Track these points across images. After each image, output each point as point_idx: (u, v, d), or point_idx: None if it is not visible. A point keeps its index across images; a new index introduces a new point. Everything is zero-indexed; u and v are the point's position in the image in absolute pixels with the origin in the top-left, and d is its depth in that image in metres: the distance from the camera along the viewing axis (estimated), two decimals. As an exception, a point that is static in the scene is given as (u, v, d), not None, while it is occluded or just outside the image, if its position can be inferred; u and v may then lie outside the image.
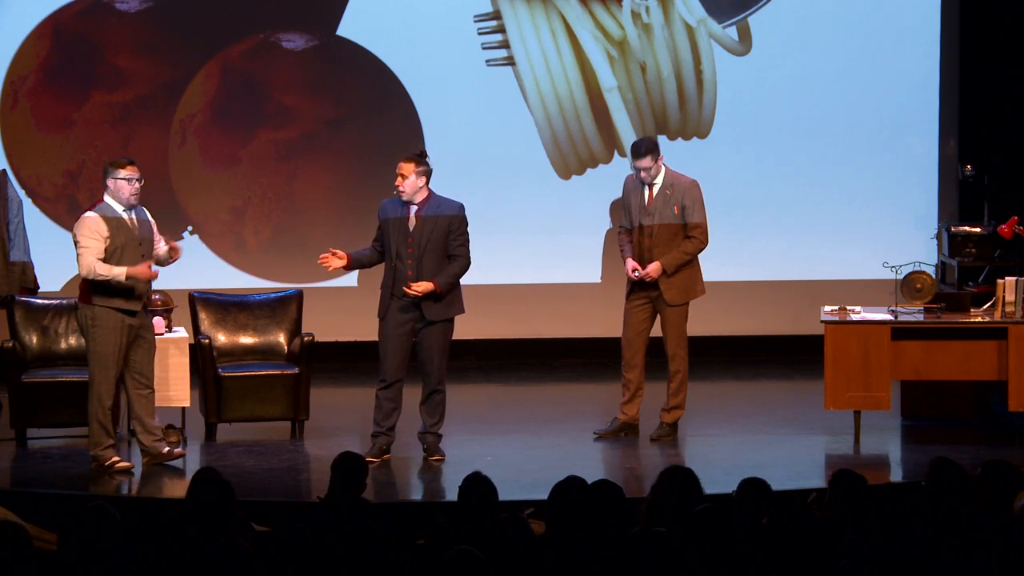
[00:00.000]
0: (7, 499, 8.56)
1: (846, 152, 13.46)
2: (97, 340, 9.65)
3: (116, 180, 9.68)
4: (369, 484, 7.63)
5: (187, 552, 6.27)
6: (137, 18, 13.12)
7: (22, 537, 5.98)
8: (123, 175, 9.68)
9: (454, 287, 9.93)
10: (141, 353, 9.77)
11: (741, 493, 6.84)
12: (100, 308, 9.63)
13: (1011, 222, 11.42)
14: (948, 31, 13.45)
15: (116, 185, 9.69)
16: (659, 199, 10.53)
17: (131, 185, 9.68)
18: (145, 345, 9.79)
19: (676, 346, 10.58)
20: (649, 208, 10.54)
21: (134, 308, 9.68)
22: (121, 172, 9.68)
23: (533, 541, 6.37)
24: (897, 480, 9.72)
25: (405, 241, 9.86)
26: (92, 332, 9.67)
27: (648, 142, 10.58)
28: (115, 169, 9.71)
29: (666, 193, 10.53)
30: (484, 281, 12.66)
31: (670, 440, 10.51)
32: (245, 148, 13.24)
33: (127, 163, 9.74)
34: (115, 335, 9.64)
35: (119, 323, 9.65)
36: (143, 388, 9.77)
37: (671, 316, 10.57)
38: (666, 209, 10.52)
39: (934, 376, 10.57)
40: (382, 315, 9.95)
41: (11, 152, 13.05)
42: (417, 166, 9.86)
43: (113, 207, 9.71)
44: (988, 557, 6.12)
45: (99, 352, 9.65)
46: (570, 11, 13.25)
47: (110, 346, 9.64)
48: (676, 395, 10.63)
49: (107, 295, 9.63)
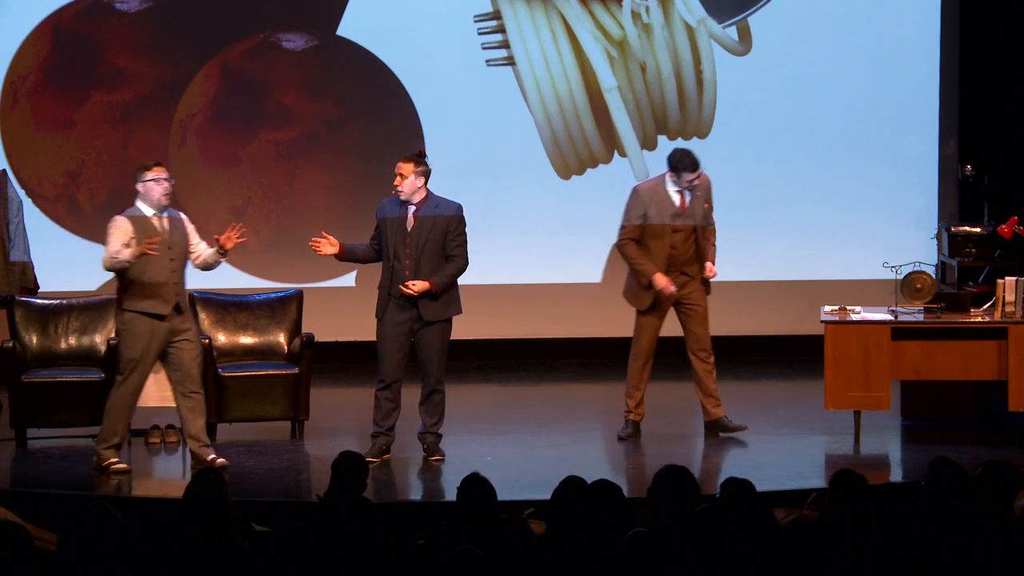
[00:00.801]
0: (7, 499, 8.56)
1: (846, 152, 13.46)
2: (126, 344, 9.61)
3: (144, 182, 9.66)
4: (369, 484, 7.64)
5: (187, 552, 6.27)
6: (137, 18, 13.12)
7: (22, 537, 5.98)
8: (150, 176, 9.65)
9: (451, 287, 9.93)
10: (180, 356, 9.68)
11: (724, 494, 6.83)
12: (129, 313, 9.60)
13: (1011, 222, 11.42)
14: (948, 31, 13.45)
15: (145, 187, 9.67)
16: (695, 202, 10.53)
17: (160, 185, 9.65)
18: (186, 347, 9.70)
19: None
20: (685, 212, 10.52)
21: (161, 311, 9.60)
22: (148, 174, 9.66)
23: (533, 541, 6.37)
24: (897, 480, 9.72)
25: (403, 241, 9.86)
26: (122, 335, 9.66)
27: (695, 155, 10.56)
28: (143, 172, 9.69)
29: (696, 194, 10.57)
30: (484, 281, 12.66)
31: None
32: (245, 148, 13.25)
33: (154, 164, 9.74)
34: (143, 340, 9.59)
35: (148, 327, 9.60)
36: (188, 392, 9.70)
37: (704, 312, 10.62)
38: (698, 209, 10.57)
39: (934, 376, 10.57)
40: (380, 315, 9.95)
41: (11, 152, 13.05)
42: (416, 166, 9.85)
43: (142, 210, 9.67)
44: (988, 557, 6.12)
45: (125, 356, 9.61)
46: (570, 11, 13.25)
47: (136, 351, 9.58)
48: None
49: (135, 298, 9.58)
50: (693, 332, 10.64)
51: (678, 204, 10.55)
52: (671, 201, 10.55)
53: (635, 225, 10.55)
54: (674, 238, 10.54)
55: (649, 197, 10.57)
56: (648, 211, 10.54)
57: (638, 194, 10.63)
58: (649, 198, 10.56)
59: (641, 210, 10.55)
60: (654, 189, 10.60)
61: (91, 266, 12.82)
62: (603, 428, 10.96)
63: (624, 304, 10.79)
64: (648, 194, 10.59)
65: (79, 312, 10.99)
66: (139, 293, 9.58)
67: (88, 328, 10.94)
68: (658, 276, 10.48)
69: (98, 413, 10.49)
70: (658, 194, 10.56)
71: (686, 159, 10.52)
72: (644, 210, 10.55)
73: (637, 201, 10.59)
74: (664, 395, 11.52)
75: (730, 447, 10.37)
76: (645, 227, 10.54)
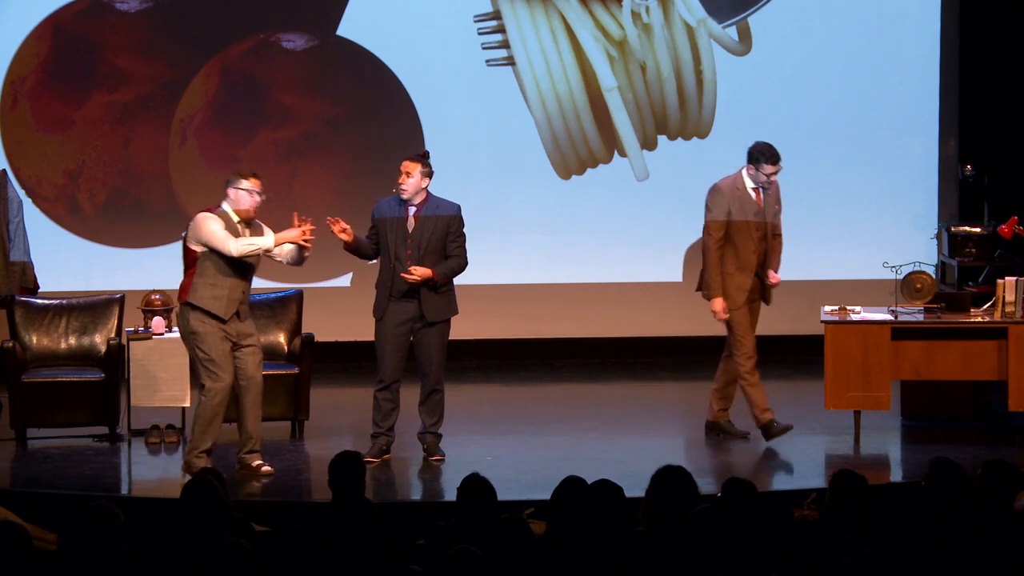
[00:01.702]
0: (7, 499, 8.57)
1: (846, 152, 13.46)
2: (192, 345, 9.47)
3: (238, 190, 9.56)
4: (369, 484, 7.65)
5: (187, 552, 6.27)
6: (137, 18, 13.12)
7: (22, 537, 5.98)
8: (245, 186, 9.56)
9: (450, 283, 9.93)
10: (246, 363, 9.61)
11: (726, 493, 6.83)
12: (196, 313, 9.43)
13: (1011, 222, 11.42)
14: (948, 31, 13.45)
15: (237, 195, 9.56)
16: (768, 200, 10.44)
17: (252, 198, 9.57)
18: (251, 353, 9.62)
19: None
20: (762, 209, 10.42)
21: (224, 315, 9.48)
22: (244, 183, 9.56)
23: (533, 541, 6.37)
24: (897, 480, 9.72)
25: (404, 242, 9.86)
26: (193, 339, 9.49)
27: (775, 148, 10.40)
28: (239, 179, 9.57)
29: (770, 192, 10.46)
30: (484, 281, 12.66)
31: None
32: (245, 148, 13.25)
33: (252, 175, 9.62)
34: (216, 340, 9.44)
35: (217, 329, 9.46)
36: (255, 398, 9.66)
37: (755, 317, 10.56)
38: (772, 208, 10.49)
39: (934, 376, 10.56)
40: (379, 316, 9.95)
41: (11, 152, 13.05)
42: (422, 167, 9.87)
43: (230, 216, 9.58)
44: (988, 557, 6.11)
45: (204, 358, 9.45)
46: (570, 11, 13.25)
47: (210, 351, 9.45)
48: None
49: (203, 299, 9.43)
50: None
51: (756, 202, 10.42)
52: (751, 198, 10.40)
53: (720, 222, 10.35)
54: (755, 236, 10.45)
55: (731, 194, 10.37)
56: (731, 208, 10.38)
57: (719, 191, 10.40)
58: (731, 195, 10.37)
59: (725, 207, 10.36)
60: (734, 185, 10.40)
61: (91, 266, 12.86)
62: (603, 428, 10.95)
63: (624, 304, 10.78)
64: (729, 191, 10.38)
65: (79, 312, 10.99)
66: (212, 296, 9.45)
67: (88, 328, 10.94)
68: (717, 300, 10.37)
69: (98, 413, 10.52)
70: (738, 191, 10.38)
71: (768, 151, 10.33)
72: (728, 207, 10.36)
73: (719, 198, 10.38)
74: (664, 396, 11.54)
75: (731, 447, 10.37)
76: (730, 223, 10.37)
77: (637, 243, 13.34)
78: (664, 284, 13.34)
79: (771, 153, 10.33)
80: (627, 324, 13.35)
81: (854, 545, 6.06)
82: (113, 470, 9.87)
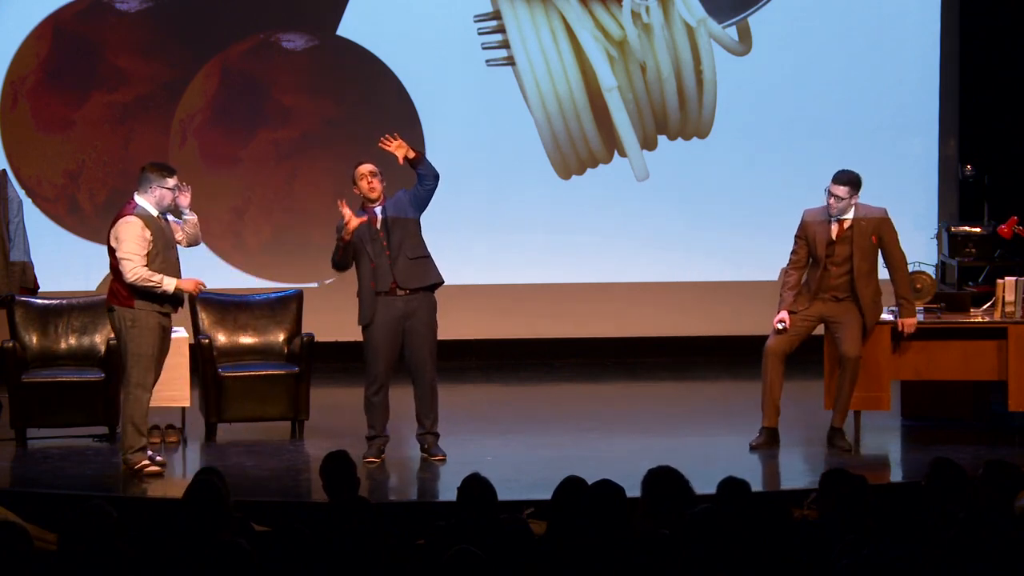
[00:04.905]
0: (7, 499, 8.57)
1: (846, 152, 13.41)
2: (136, 341, 9.55)
3: (163, 189, 9.56)
4: (369, 484, 7.64)
5: (186, 552, 6.27)
6: (137, 18, 13.12)
7: (22, 537, 5.98)
8: (171, 184, 9.58)
9: (426, 252, 9.90)
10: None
11: (721, 493, 6.83)
12: (140, 311, 9.53)
13: (1011, 222, 11.42)
14: (948, 31, 13.45)
15: (160, 193, 9.58)
16: (856, 232, 10.23)
17: (173, 194, 9.61)
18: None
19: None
20: (838, 239, 10.24)
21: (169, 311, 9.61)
22: (169, 181, 9.58)
23: (533, 541, 6.37)
24: (897, 480, 9.72)
25: (377, 238, 9.92)
26: (131, 333, 9.56)
27: (855, 175, 10.28)
28: (163, 178, 9.60)
29: (861, 224, 10.25)
30: (484, 281, 12.66)
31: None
32: (245, 148, 13.25)
33: (173, 172, 9.66)
34: (154, 336, 9.55)
35: (157, 324, 9.57)
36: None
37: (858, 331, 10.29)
38: (860, 241, 10.24)
39: (934, 376, 10.57)
40: (367, 320, 9.96)
41: (11, 152, 13.05)
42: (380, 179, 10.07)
43: (150, 210, 9.60)
44: (988, 557, 6.11)
45: (139, 353, 9.54)
46: (570, 11, 13.25)
47: (150, 347, 9.55)
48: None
49: (149, 298, 9.52)
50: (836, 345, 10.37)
51: (834, 232, 10.29)
52: (826, 228, 10.29)
53: (795, 247, 10.36)
54: (827, 264, 10.27)
55: (811, 219, 10.34)
56: (807, 233, 10.32)
57: (803, 216, 10.41)
58: (811, 220, 10.34)
59: (801, 232, 10.36)
60: (817, 213, 10.36)
61: (91, 266, 12.84)
62: (603, 428, 10.95)
63: (624, 304, 10.78)
64: (811, 217, 10.36)
65: (79, 312, 10.98)
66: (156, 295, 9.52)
67: (88, 328, 10.94)
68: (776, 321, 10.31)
69: (98, 413, 10.51)
70: (817, 218, 10.33)
71: (842, 172, 10.28)
72: (803, 232, 10.34)
73: (801, 223, 10.39)
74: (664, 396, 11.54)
75: (730, 447, 10.36)
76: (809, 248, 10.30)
77: (637, 243, 13.33)
78: (664, 284, 13.33)
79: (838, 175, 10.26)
80: (627, 324, 13.34)
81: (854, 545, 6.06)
82: (113, 470, 9.86)
